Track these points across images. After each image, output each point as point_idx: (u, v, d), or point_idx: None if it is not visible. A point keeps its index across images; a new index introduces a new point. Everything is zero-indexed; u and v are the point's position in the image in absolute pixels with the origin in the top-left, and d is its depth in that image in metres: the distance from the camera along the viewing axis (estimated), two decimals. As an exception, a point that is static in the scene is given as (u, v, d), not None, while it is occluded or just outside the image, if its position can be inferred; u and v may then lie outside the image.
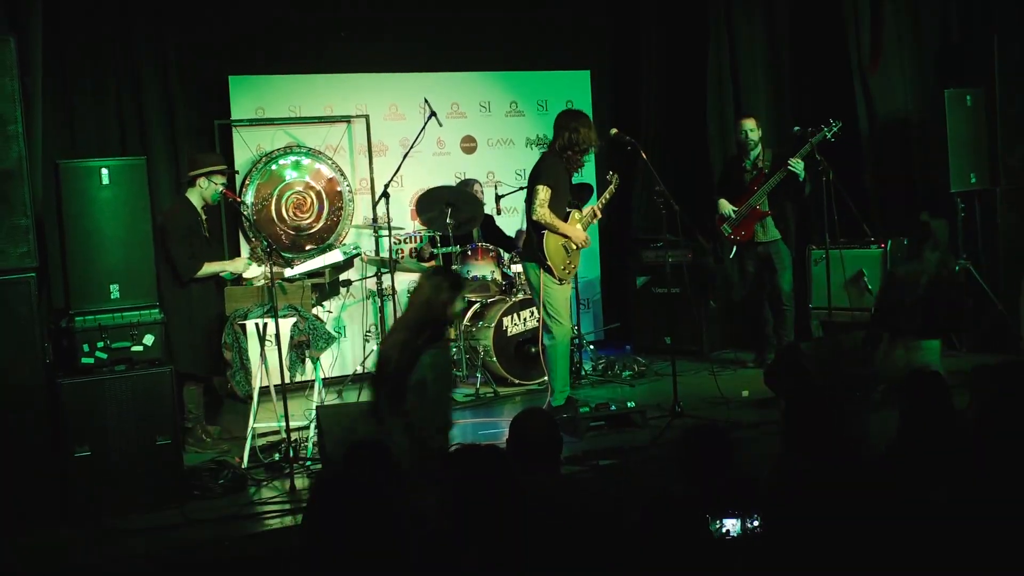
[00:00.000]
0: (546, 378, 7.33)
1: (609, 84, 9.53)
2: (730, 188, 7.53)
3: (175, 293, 5.97)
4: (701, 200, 7.74)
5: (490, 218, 8.34)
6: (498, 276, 7.59)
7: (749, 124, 7.41)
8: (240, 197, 6.36)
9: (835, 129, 6.93)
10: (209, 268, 6.05)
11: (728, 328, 8.52)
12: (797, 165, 7.04)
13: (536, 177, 6.12)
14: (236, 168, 7.79)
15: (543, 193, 6.03)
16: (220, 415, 6.85)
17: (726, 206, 7.46)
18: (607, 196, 6.38)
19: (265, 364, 5.89)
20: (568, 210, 6.20)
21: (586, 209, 6.34)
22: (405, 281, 8.32)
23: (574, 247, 6.22)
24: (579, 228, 6.22)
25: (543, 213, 6.02)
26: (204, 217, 6.22)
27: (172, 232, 5.94)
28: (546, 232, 6.09)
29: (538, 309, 6.21)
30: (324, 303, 6.47)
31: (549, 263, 6.08)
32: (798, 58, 8.62)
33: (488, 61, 8.92)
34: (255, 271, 6.10)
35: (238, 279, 6.17)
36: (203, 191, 6.15)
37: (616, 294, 9.16)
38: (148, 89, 7.57)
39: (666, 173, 8.37)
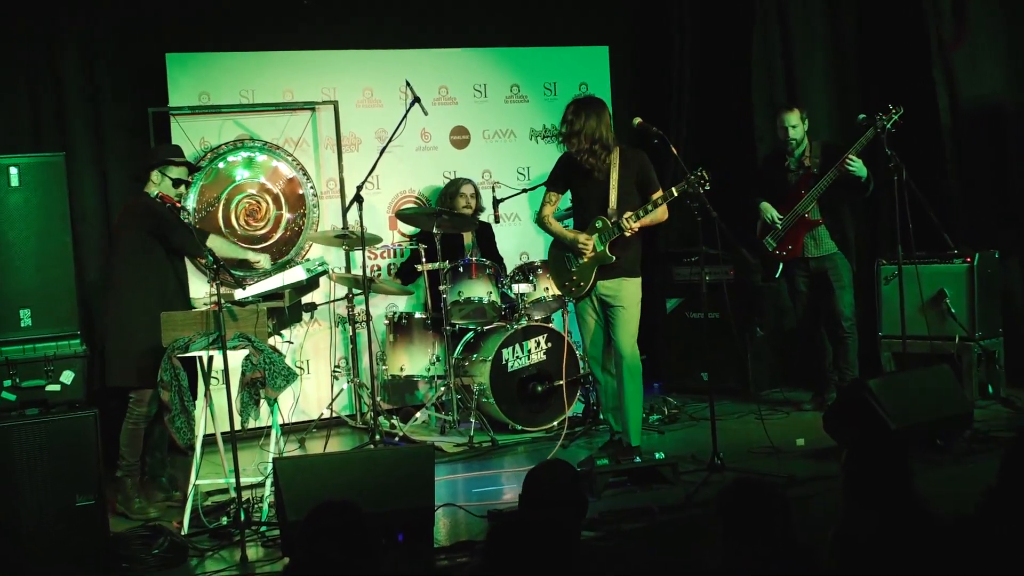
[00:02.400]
0: (555, 424, 7.39)
1: (632, 64, 9.58)
2: (770, 193, 7.55)
3: (137, 288, 6.09)
4: (746, 205, 7.76)
5: (487, 227, 8.36)
6: (496, 298, 7.61)
7: (791, 118, 7.41)
8: (179, 201, 6.36)
9: (895, 117, 6.94)
10: (220, 241, 6.25)
11: (779, 362, 8.52)
12: (855, 164, 7.06)
13: None
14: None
15: (545, 194, 6.50)
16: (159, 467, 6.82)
17: (770, 210, 7.48)
18: (657, 200, 6.28)
19: (210, 407, 5.87)
20: (597, 216, 6.29)
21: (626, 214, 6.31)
22: (382, 305, 8.33)
23: (582, 260, 6.31)
24: (582, 236, 6.32)
25: (540, 217, 6.52)
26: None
27: (156, 217, 6.05)
28: (551, 242, 6.55)
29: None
30: (283, 332, 6.46)
31: (551, 277, 6.61)
32: (864, 36, 8.65)
33: (484, 35, 8.97)
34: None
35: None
36: (157, 188, 6.21)
37: (641, 320, 9.16)
38: (67, 71, 7.62)
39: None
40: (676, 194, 6.19)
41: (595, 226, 6.31)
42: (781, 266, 7.53)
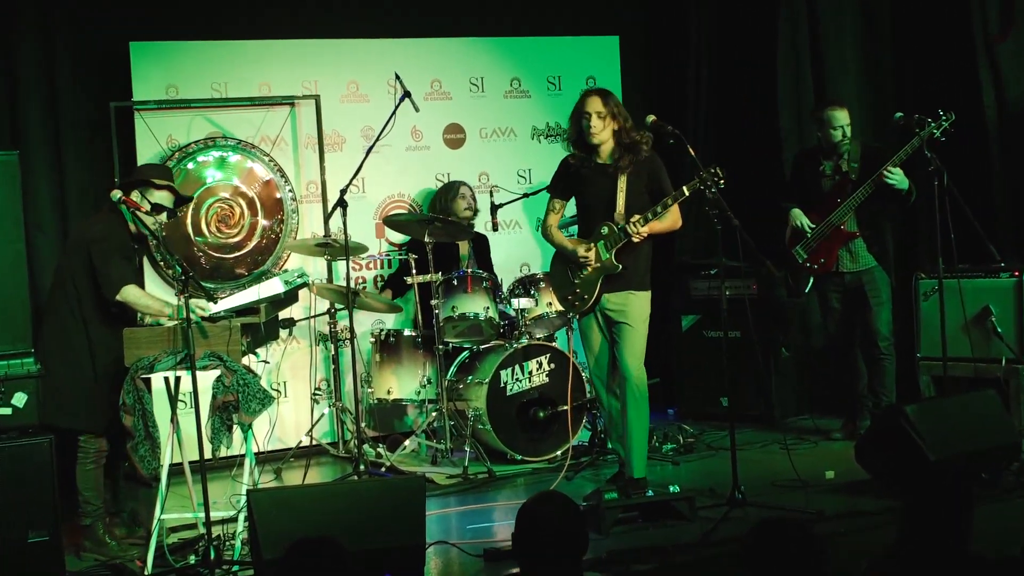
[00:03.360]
0: (559, 453, 7.39)
1: (645, 56, 9.63)
2: (802, 199, 7.57)
3: (80, 333, 6.03)
4: (769, 212, 7.78)
5: (484, 239, 8.37)
6: (494, 314, 7.62)
7: (842, 116, 7.41)
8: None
9: (945, 125, 6.94)
10: (135, 293, 6.05)
11: (806, 386, 8.53)
12: (895, 176, 7.07)
13: None
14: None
15: (548, 202, 6.61)
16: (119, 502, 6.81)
17: (800, 216, 7.50)
18: (667, 201, 6.26)
19: (177, 433, 5.87)
20: (603, 224, 6.32)
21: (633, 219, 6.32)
22: (367, 321, 8.34)
23: (586, 272, 6.35)
24: (582, 247, 6.36)
25: (544, 227, 6.67)
26: (136, 246, 6.25)
27: (101, 243, 5.97)
28: (554, 253, 6.64)
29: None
30: (258, 351, 6.47)
31: (552, 290, 6.78)
32: (902, 28, 8.67)
33: (481, 23, 9.02)
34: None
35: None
36: (140, 215, 6.13)
37: (654, 339, 9.16)
38: (20, 62, 7.63)
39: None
40: (687, 193, 6.16)
41: (600, 233, 6.32)
42: (812, 280, 7.55)
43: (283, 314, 7.02)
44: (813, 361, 8.48)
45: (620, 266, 6.31)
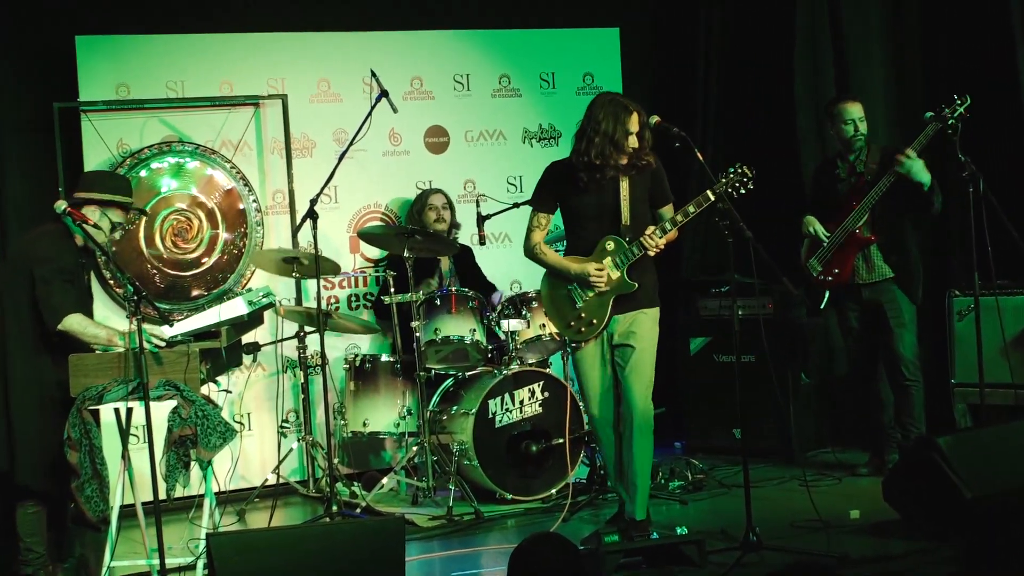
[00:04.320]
0: (554, 492, 7.39)
1: (648, 50, 9.68)
2: (819, 209, 7.59)
3: (25, 361, 6.03)
4: (787, 223, 7.80)
5: (468, 251, 8.38)
6: (481, 337, 7.63)
7: (856, 110, 7.48)
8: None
9: (960, 109, 6.98)
10: (80, 323, 6.04)
11: (829, 416, 8.54)
12: (911, 164, 7.08)
13: None
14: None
15: (531, 217, 6.46)
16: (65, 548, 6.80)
17: (814, 223, 7.51)
18: (689, 210, 6.26)
19: (129, 471, 5.87)
20: (606, 238, 6.30)
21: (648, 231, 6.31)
22: (340, 345, 8.34)
23: (592, 293, 6.30)
24: (592, 264, 6.26)
25: (529, 247, 6.49)
26: (84, 260, 6.25)
27: (44, 264, 5.97)
28: (544, 274, 6.49)
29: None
30: (219, 379, 6.47)
31: (548, 316, 6.54)
32: (931, 15, 8.71)
33: (467, 14, 9.07)
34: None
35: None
36: (88, 229, 6.11)
37: (660, 364, 9.19)
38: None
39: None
40: (712, 198, 6.17)
41: (604, 248, 6.27)
42: (828, 295, 7.57)
43: (246, 338, 7.02)
44: (836, 388, 8.50)
45: (636, 284, 6.31)
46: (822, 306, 7.63)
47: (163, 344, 5.90)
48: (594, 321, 6.32)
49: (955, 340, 7.73)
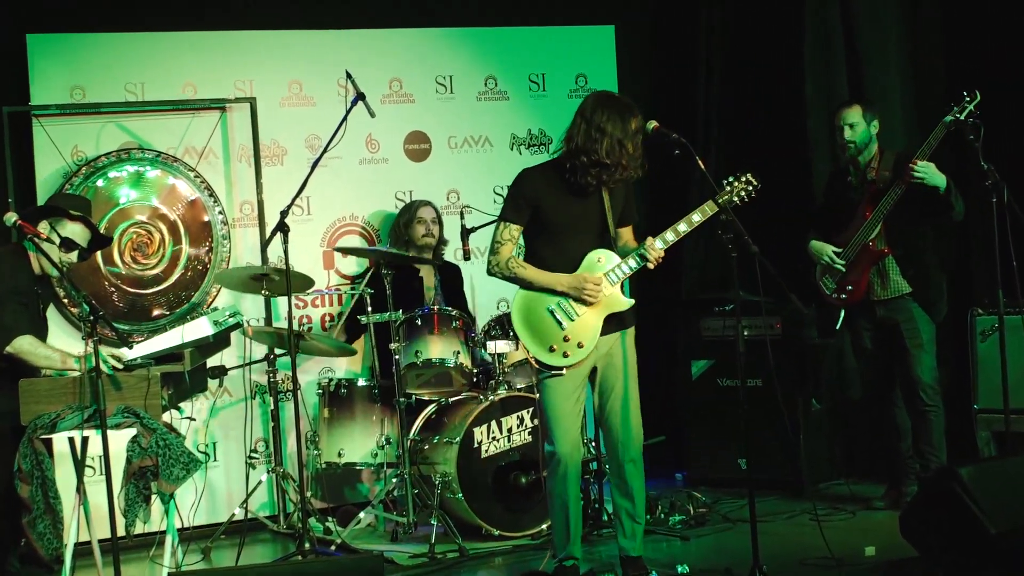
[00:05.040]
0: (544, 527, 7.39)
1: (646, 49, 9.72)
2: (836, 219, 7.61)
3: None
4: (796, 235, 7.81)
5: (454, 268, 8.40)
6: (466, 360, 7.65)
7: (849, 115, 7.49)
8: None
9: (970, 107, 7.01)
10: (31, 344, 6.04)
11: (842, 444, 8.56)
12: (924, 170, 7.10)
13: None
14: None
15: (502, 229, 6.22)
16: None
17: (824, 250, 7.52)
18: (693, 218, 6.24)
19: (84, 506, 5.86)
20: (592, 251, 6.23)
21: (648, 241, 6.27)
22: (313, 369, 8.35)
23: (581, 310, 6.15)
24: (582, 276, 6.11)
25: (498, 262, 6.22)
26: (40, 290, 6.25)
27: None
28: (519, 291, 6.24)
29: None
30: (182, 405, 6.47)
31: (523, 341, 6.20)
32: (951, 13, 8.75)
33: (449, 11, 9.08)
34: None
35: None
36: (39, 243, 6.12)
37: (659, 390, 9.22)
38: None
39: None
40: (718, 207, 6.17)
41: (595, 263, 6.19)
42: (843, 314, 7.59)
43: (212, 361, 7.03)
44: (849, 414, 8.52)
45: (632, 302, 6.26)
46: (837, 326, 7.64)
47: (121, 367, 5.90)
48: (582, 344, 6.13)
49: (978, 362, 7.76)
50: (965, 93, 7.03)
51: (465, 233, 8.06)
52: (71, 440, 5.87)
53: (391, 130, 8.73)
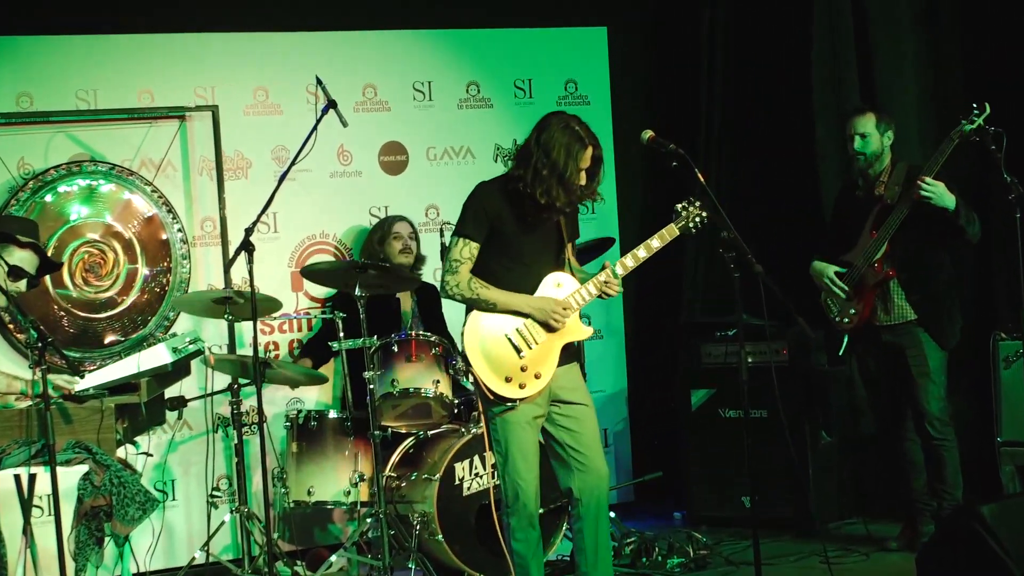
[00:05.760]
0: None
1: (642, 52, 9.76)
2: (844, 236, 7.63)
3: None
4: (805, 254, 7.83)
5: (432, 290, 8.41)
6: (446, 389, 7.66)
7: (862, 124, 7.48)
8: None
9: (979, 121, 7.03)
10: None
11: (854, 481, 8.57)
12: (932, 189, 7.10)
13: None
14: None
15: (460, 247, 6.14)
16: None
17: (825, 271, 7.55)
18: (652, 245, 6.30)
19: (32, 549, 5.85)
20: (550, 274, 6.23)
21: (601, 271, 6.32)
22: (280, 400, 8.36)
23: (541, 336, 6.10)
24: (550, 299, 6.09)
25: (457, 282, 6.12)
26: None
27: None
28: (472, 314, 6.16)
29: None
30: (138, 439, 6.47)
31: (475, 370, 6.09)
32: (969, 12, 8.79)
33: (429, 12, 9.10)
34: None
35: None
36: None
37: (655, 421, 9.23)
38: None
39: (742, 208, 8.47)
40: (677, 231, 6.18)
41: (552, 286, 6.17)
42: (846, 340, 7.60)
43: (170, 392, 7.03)
44: (862, 448, 8.53)
45: (592, 331, 6.24)
46: (840, 352, 7.65)
47: (70, 388, 5.90)
48: (539, 374, 6.08)
49: (1001, 391, 7.76)
50: (974, 105, 7.05)
51: (445, 252, 8.04)
52: (17, 478, 5.85)
53: (365, 141, 8.76)
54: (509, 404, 6.02)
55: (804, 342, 8.16)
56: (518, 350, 6.04)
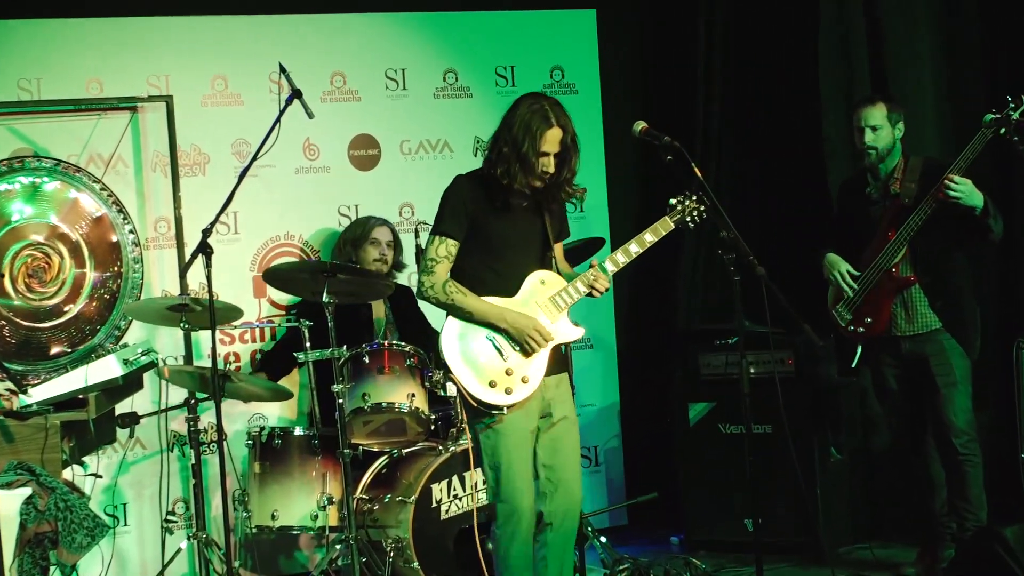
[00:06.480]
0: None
1: (634, 37, 9.78)
2: (848, 240, 7.63)
3: None
4: (811, 253, 7.84)
5: (407, 293, 8.41)
6: (422, 403, 7.66)
7: (871, 115, 7.45)
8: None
9: (1015, 115, 6.98)
10: None
11: (867, 501, 8.58)
12: (961, 188, 7.08)
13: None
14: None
15: (437, 244, 6.19)
16: None
17: (838, 264, 7.56)
18: (646, 239, 6.32)
19: (-30, 578, 5.86)
20: (534, 273, 6.24)
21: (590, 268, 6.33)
22: (241, 416, 8.35)
23: (525, 343, 6.10)
24: (530, 319, 6.08)
25: (433, 284, 6.15)
26: None
27: None
28: (449, 320, 6.17)
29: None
30: (86, 460, 6.46)
31: (456, 376, 6.09)
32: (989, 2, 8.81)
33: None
34: None
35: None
36: None
37: (650, 438, 9.24)
38: None
39: (744, 206, 8.49)
40: (672, 225, 6.23)
41: (538, 284, 6.20)
42: (860, 350, 7.61)
43: (121, 407, 7.02)
44: (875, 467, 8.54)
45: (583, 329, 6.26)
46: (854, 364, 7.65)
47: (13, 411, 5.90)
48: (527, 379, 6.08)
49: (1024, 401, 7.80)
50: (1009, 98, 7.03)
51: (421, 254, 8.06)
52: (-46, 501, 5.86)
53: (333, 133, 8.78)
54: (496, 413, 6.01)
55: (811, 351, 8.16)
56: (501, 353, 6.07)
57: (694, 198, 6.22)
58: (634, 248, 6.19)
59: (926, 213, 7.17)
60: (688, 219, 6.22)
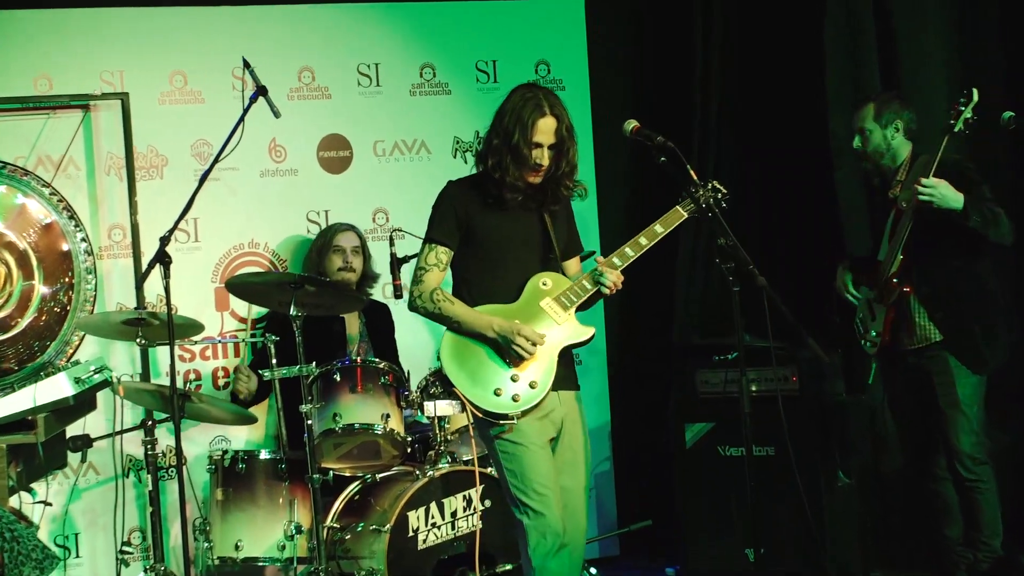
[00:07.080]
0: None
1: (628, 30, 9.78)
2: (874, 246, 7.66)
3: None
4: (817, 262, 7.84)
5: (383, 309, 8.40)
6: (397, 424, 7.64)
7: (859, 116, 7.54)
8: None
9: (966, 112, 7.05)
10: None
11: (877, 529, 8.58)
12: (930, 190, 7.02)
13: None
14: None
15: (427, 252, 6.27)
16: None
17: (839, 274, 7.57)
18: (657, 230, 6.31)
19: (-91, 616, 5.84)
20: (538, 275, 6.27)
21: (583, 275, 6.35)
22: (203, 438, 8.33)
23: (511, 350, 6.11)
24: (520, 328, 6.07)
25: (422, 293, 6.22)
26: None
27: None
28: (446, 333, 6.21)
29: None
30: (34, 486, 6.44)
31: (458, 390, 6.10)
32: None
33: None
34: None
35: None
36: None
37: (644, 460, 9.24)
38: None
39: (743, 210, 8.49)
40: (685, 214, 6.26)
41: (538, 287, 6.24)
42: (875, 367, 7.60)
43: (72, 429, 7.00)
44: (886, 492, 8.54)
45: (593, 329, 6.24)
46: (870, 380, 7.65)
47: None
48: (535, 383, 6.11)
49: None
50: (963, 92, 7.07)
51: (396, 264, 8.07)
52: None
53: (301, 133, 8.78)
54: (506, 423, 6.02)
55: (816, 367, 8.13)
56: (504, 359, 6.10)
57: (711, 184, 6.26)
58: (644, 241, 6.21)
59: (911, 219, 7.17)
60: (704, 206, 6.18)
